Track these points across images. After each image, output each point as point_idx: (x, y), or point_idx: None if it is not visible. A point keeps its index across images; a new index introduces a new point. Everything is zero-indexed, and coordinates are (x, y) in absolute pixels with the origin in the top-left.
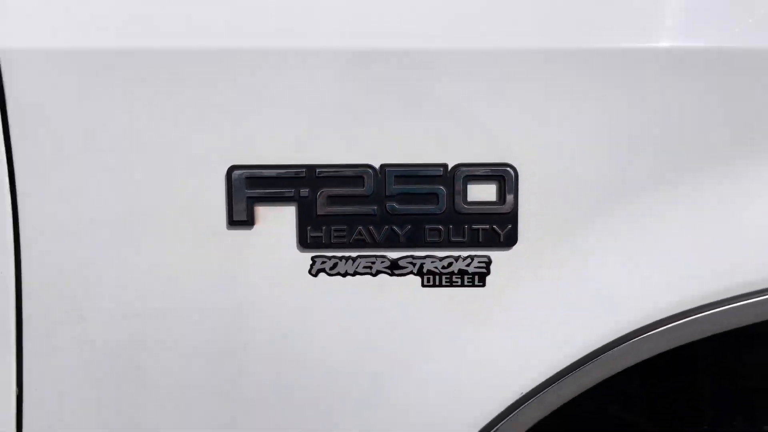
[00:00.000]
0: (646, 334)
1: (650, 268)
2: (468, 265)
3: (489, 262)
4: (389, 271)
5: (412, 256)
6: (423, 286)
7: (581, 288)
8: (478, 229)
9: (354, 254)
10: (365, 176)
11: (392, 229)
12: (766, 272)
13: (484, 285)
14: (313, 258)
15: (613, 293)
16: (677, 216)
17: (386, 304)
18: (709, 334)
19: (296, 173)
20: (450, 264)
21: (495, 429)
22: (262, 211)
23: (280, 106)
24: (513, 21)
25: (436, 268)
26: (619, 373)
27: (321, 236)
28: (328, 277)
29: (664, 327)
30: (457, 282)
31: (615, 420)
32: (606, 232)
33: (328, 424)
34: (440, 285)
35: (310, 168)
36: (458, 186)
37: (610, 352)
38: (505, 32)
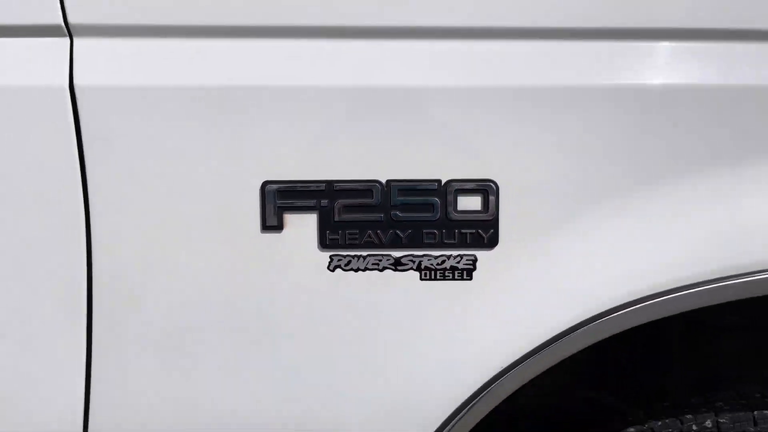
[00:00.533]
0: (601, 319)
1: (605, 265)
2: (458, 262)
3: (475, 260)
4: (393, 267)
5: (412, 255)
6: (421, 279)
7: (550, 281)
8: (466, 233)
9: (364, 253)
10: (374, 189)
11: (396, 233)
12: (700, 267)
13: (471, 279)
14: (330, 256)
15: (575, 285)
16: (627, 222)
17: (391, 294)
18: (653, 318)
19: (317, 187)
20: (443, 261)
21: (481, 396)
22: (290, 218)
23: (305, 133)
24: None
25: (431, 264)
26: (588, 355)
27: (337, 238)
28: (343, 272)
29: (616, 314)
30: (449, 276)
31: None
32: (571, 235)
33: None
34: (435, 279)
35: (329, 183)
36: (450, 198)
37: (572, 334)
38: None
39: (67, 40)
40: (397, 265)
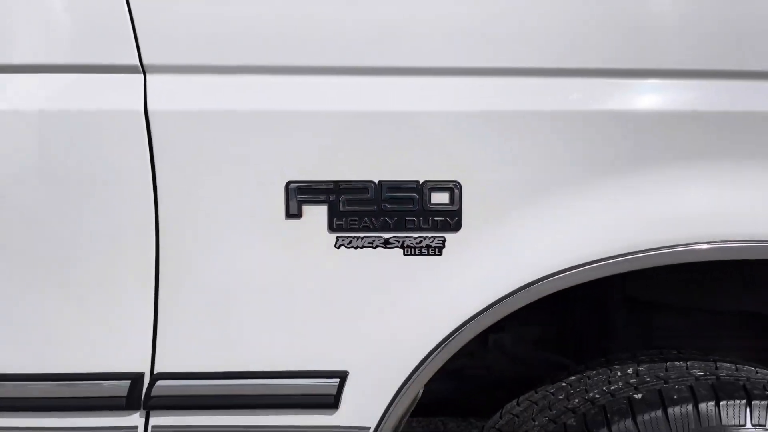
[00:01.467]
0: (539, 282)
1: (542, 243)
2: (431, 242)
3: (444, 240)
4: (383, 246)
5: (397, 236)
6: (404, 255)
7: (501, 255)
8: (437, 220)
9: (362, 235)
10: (369, 187)
11: (385, 220)
12: (612, 245)
13: (441, 255)
14: (336, 237)
15: (520, 258)
16: (557, 212)
17: (381, 265)
18: (585, 281)
19: (327, 185)
20: (420, 241)
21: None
22: (306, 209)
23: (318, 146)
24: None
25: (411, 243)
26: (549, 328)
27: (342, 224)
28: (345, 249)
29: (549, 279)
30: (425, 252)
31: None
32: (516, 221)
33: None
34: (414, 254)
35: (336, 182)
36: (425, 193)
37: (518, 293)
38: (460, 102)
39: (141, 76)
40: (386, 243)
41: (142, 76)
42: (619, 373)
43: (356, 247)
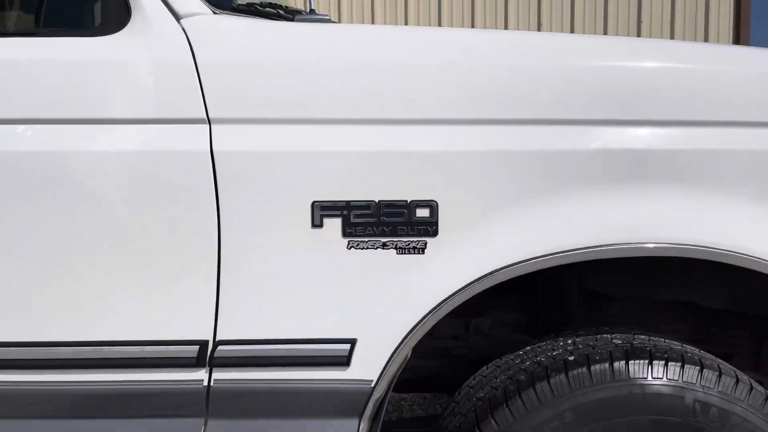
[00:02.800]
0: (498, 271)
1: (498, 244)
2: (417, 244)
3: (426, 243)
4: (382, 247)
5: (392, 240)
6: (396, 254)
7: (468, 253)
8: (421, 228)
9: (366, 240)
10: (371, 205)
11: (383, 229)
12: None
13: (424, 254)
14: (348, 241)
15: (483, 254)
16: (514, 219)
17: (380, 261)
18: (527, 271)
19: (341, 203)
20: (409, 244)
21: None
22: (326, 220)
23: (334, 175)
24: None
25: (402, 246)
26: (519, 316)
27: (352, 231)
28: (355, 250)
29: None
30: (411, 252)
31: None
32: (480, 229)
33: (349, 306)
34: (404, 254)
35: (347, 201)
36: (412, 209)
37: (481, 279)
38: (435, 143)
39: (207, 126)
40: (384, 246)
41: (208, 126)
42: (561, 343)
43: (362, 249)
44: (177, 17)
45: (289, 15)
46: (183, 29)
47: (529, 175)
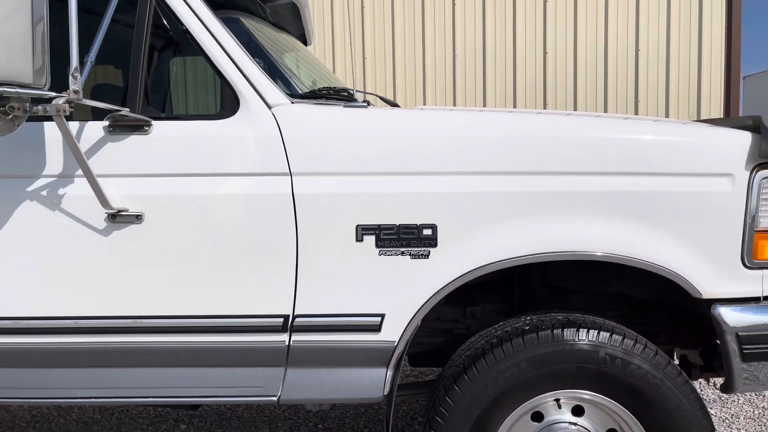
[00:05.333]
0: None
1: (481, 250)
2: (423, 252)
3: (429, 251)
4: (401, 255)
5: (408, 250)
6: (410, 259)
7: (458, 257)
8: (426, 241)
9: (391, 249)
10: (394, 227)
11: (401, 242)
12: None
13: (428, 258)
14: (379, 250)
15: (466, 259)
16: (498, 235)
17: (400, 263)
18: (496, 269)
19: (375, 225)
20: (418, 252)
21: (434, 295)
22: (365, 237)
23: (369, 208)
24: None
25: (414, 253)
26: (500, 306)
27: (382, 244)
28: (384, 256)
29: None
30: (420, 257)
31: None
32: (468, 243)
33: (374, 296)
34: (415, 258)
35: (378, 224)
36: (420, 230)
37: (466, 274)
38: (435, 185)
39: (289, 177)
40: (402, 254)
41: (290, 177)
42: (522, 320)
43: (388, 255)
44: (269, 106)
45: (343, 93)
46: (273, 115)
47: (504, 207)
